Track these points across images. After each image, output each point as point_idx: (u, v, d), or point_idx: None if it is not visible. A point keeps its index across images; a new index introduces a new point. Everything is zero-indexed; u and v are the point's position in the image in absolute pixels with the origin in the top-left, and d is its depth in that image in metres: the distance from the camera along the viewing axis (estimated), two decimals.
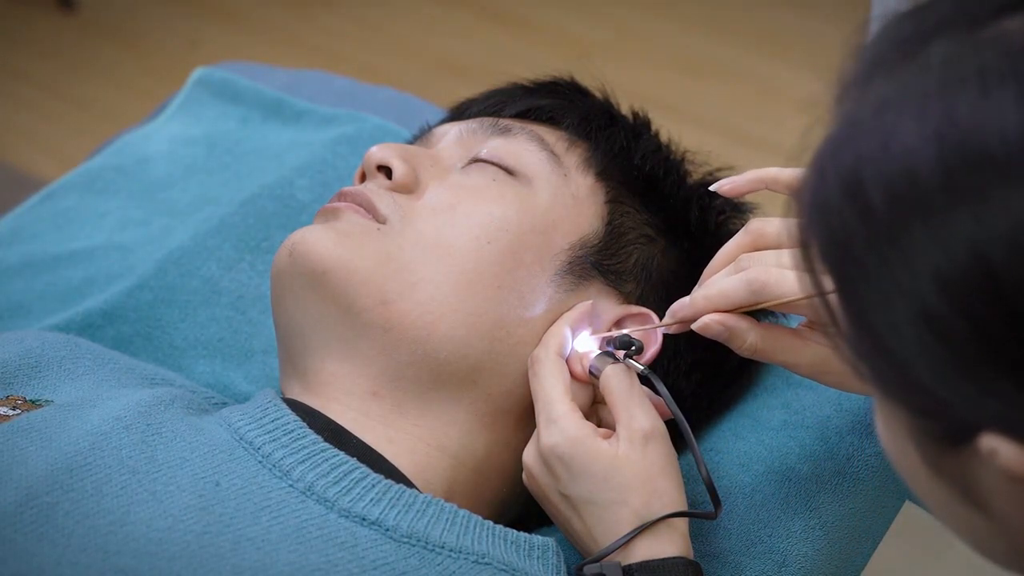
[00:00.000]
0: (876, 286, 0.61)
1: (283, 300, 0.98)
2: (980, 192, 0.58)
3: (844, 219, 0.61)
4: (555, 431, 0.91)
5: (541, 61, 1.23)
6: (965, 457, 0.62)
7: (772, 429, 1.05)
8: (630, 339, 0.96)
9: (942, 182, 0.59)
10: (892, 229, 0.60)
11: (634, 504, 0.89)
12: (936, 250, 0.58)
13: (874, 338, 0.62)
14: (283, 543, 0.84)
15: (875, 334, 0.62)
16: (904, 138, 0.60)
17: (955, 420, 0.61)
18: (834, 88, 0.67)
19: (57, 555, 0.80)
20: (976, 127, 0.59)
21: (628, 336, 0.96)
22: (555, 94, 1.09)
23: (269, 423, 0.92)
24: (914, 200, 0.59)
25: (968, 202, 0.58)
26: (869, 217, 0.60)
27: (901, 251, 0.60)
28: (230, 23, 2.89)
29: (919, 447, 0.65)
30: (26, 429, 0.89)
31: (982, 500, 0.63)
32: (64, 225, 1.30)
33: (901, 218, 0.59)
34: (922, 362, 0.60)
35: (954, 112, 0.59)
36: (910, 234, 0.59)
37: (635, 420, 0.91)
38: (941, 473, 0.65)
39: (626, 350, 0.95)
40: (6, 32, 2.84)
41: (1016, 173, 0.57)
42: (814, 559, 1.00)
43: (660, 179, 1.05)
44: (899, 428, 0.66)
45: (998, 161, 0.58)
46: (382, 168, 1.02)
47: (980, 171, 0.58)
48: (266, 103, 1.41)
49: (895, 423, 0.66)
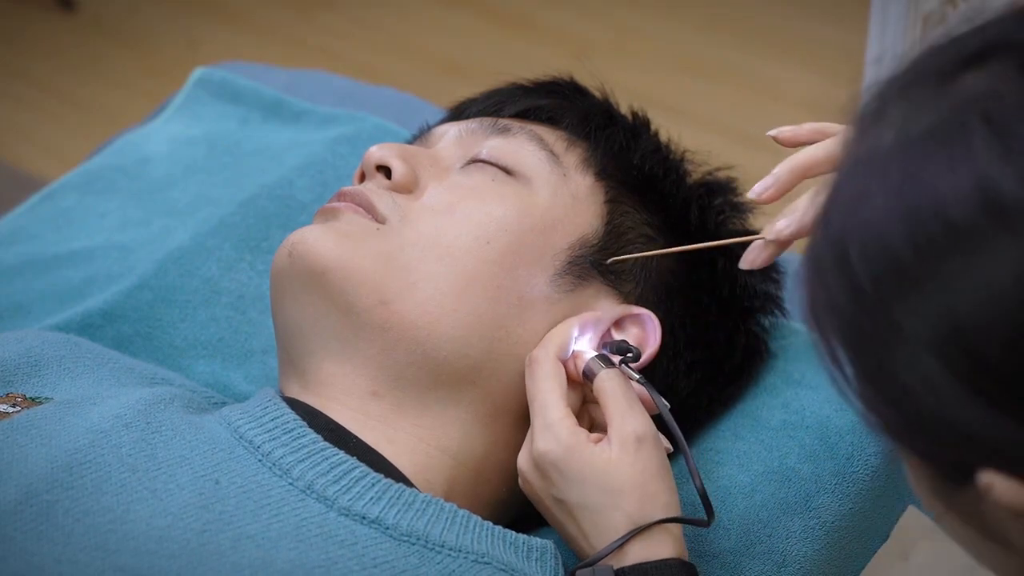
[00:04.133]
0: (873, 349, 0.63)
1: (282, 300, 0.98)
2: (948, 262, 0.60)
3: (838, 290, 0.64)
4: (549, 437, 0.91)
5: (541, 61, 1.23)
6: (972, 496, 0.63)
7: (772, 429, 1.05)
8: (627, 345, 0.96)
9: (914, 256, 0.60)
10: (880, 304, 0.62)
11: (627, 508, 0.89)
12: (920, 321, 0.61)
13: (878, 392, 0.65)
14: (283, 541, 0.84)
15: (879, 389, 0.64)
16: (873, 209, 0.62)
17: (954, 460, 0.63)
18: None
19: (57, 553, 0.80)
20: (933, 193, 0.60)
21: (625, 342, 0.96)
22: (554, 94, 1.09)
23: (269, 422, 0.92)
24: (893, 276, 0.61)
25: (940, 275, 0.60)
26: (858, 293, 0.63)
27: (892, 322, 0.62)
28: (230, 23, 2.89)
29: (935, 492, 0.67)
30: (26, 426, 0.89)
31: (1001, 537, 0.64)
32: (64, 225, 1.30)
33: (886, 295, 0.62)
34: (921, 410, 0.62)
35: (913, 177, 0.61)
36: (896, 308, 0.61)
37: (627, 424, 0.91)
38: (960, 515, 0.66)
39: (622, 355, 0.96)
40: (6, 32, 2.84)
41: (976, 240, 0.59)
42: (814, 559, 1.00)
43: (659, 179, 1.05)
44: (918, 475, 0.68)
45: (959, 228, 0.59)
46: (381, 168, 1.02)
47: (945, 240, 0.60)
48: (266, 103, 1.41)
49: (914, 471, 0.68)
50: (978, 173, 0.59)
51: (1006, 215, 0.58)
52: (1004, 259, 0.58)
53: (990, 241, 0.58)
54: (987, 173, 0.58)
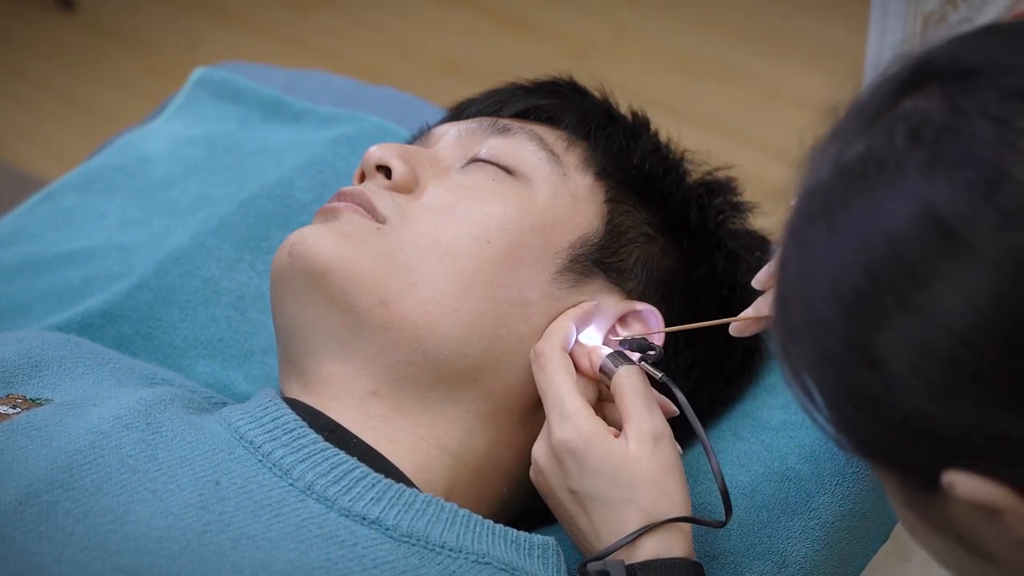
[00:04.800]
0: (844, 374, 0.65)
1: (282, 300, 0.98)
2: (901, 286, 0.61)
3: (802, 324, 0.65)
4: (568, 426, 0.91)
5: (541, 61, 1.23)
6: (942, 502, 0.65)
7: (772, 429, 1.05)
8: (648, 343, 0.96)
9: (870, 285, 0.62)
10: (846, 332, 0.64)
11: (642, 503, 0.89)
12: (888, 340, 0.62)
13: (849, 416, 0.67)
14: (283, 541, 0.84)
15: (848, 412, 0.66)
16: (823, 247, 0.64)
17: (923, 466, 0.65)
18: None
19: (57, 553, 0.80)
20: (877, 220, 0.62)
21: (646, 339, 0.96)
22: (554, 94, 1.09)
23: (269, 422, 0.92)
24: (852, 305, 0.63)
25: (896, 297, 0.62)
26: (823, 323, 0.64)
27: (860, 349, 0.63)
28: (230, 23, 2.89)
29: (908, 504, 0.68)
30: (26, 427, 0.89)
31: (977, 545, 0.65)
32: (64, 225, 1.30)
33: (850, 322, 0.63)
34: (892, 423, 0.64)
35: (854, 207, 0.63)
36: (863, 334, 0.63)
37: (646, 421, 0.91)
38: (933, 525, 0.67)
39: (642, 353, 0.96)
40: (6, 32, 2.84)
41: (926, 261, 0.61)
42: (814, 560, 1.00)
43: (659, 178, 1.05)
44: (891, 489, 0.69)
45: (908, 252, 0.61)
46: (381, 168, 1.02)
47: (897, 265, 0.62)
48: (266, 103, 1.41)
49: (889, 487, 0.69)
50: (917, 197, 0.61)
51: (950, 232, 0.60)
52: (951, 267, 0.60)
53: (934, 253, 0.60)
54: (925, 195, 0.60)
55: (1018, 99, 0.60)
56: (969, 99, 0.61)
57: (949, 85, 0.62)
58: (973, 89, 0.61)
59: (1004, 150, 0.59)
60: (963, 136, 0.60)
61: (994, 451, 0.62)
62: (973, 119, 0.60)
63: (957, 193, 0.59)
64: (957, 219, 0.59)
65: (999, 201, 0.59)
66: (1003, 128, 0.60)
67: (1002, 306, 0.59)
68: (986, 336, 0.60)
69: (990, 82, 0.61)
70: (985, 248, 0.59)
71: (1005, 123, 0.60)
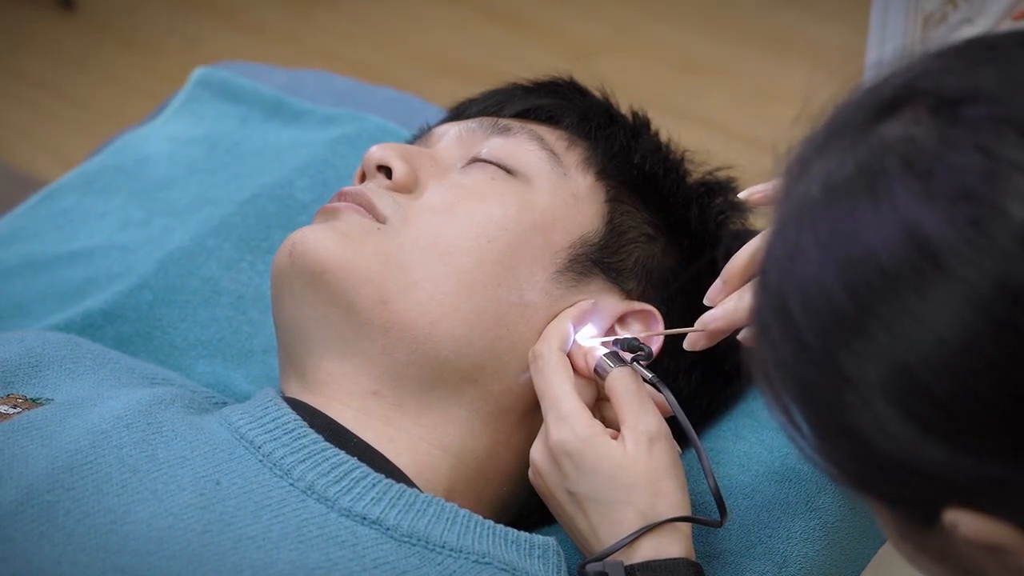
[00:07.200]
0: (825, 400, 0.64)
1: (283, 300, 0.98)
2: (886, 307, 0.61)
3: (784, 346, 0.65)
4: (565, 428, 0.91)
5: (541, 61, 1.23)
6: (942, 536, 0.64)
7: (772, 429, 1.05)
8: (639, 343, 0.96)
9: (853, 305, 0.62)
10: (826, 355, 0.63)
11: (639, 504, 0.89)
12: (866, 368, 0.62)
13: (836, 443, 0.66)
14: (284, 542, 0.84)
15: (835, 439, 0.65)
16: (808, 263, 0.63)
17: (918, 502, 0.64)
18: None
19: (57, 554, 0.80)
20: (864, 241, 0.62)
21: (637, 340, 0.96)
22: (554, 94, 1.09)
23: (269, 422, 0.92)
24: (835, 327, 0.63)
25: (880, 321, 0.61)
26: (804, 347, 0.64)
27: (839, 372, 0.63)
28: (230, 23, 2.89)
29: (903, 536, 0.68)
30: (26, 427, 0.89)
31: (979, 572, 0.65)
32: (64, 225, 1.30)
33: (830, 345, 0.63)
34: (878, 456, 0.63)
35: (842, 227, 0.63)
36: (842, 358, 0.62)
37: (641, 422, 0.91)
38: (930, 555, 0.67)
39: (633, 353, 0.96)
40: (6, 32, 2.84)
41: (910, 284, 0.60)
42: (815, 560, 1.00)
43: (660, 178, 1.05)
44: (885, 520, 0.69)
45: (892, 274, 0.61)
46: (382, 168, 1.02)
47: (880, 285, 0.61)
48: (266, 103, 1.41)
49: (881, 516, 0.69)
50: (904, 218, 0.61)
51: (935, 256, 0.60)
52: (939, 298, 0.60)
53: (924, 283, 0.60)
54: (912, 217, 0.60)
55: (1008, 129, 0.60)
56: (957, 129, 0.61)
57: (939, 112, 0.62)
58: (961, 119, 0.61)
59: (993, 181, 0.59)
60: (954, 168, 0.60)
61: (993, 494, 0.61)
62: (963, 150, 0.60)
63: (947, 223, 0.60)
64: (944, 248, 0.59)
65: (989, 232, 0.59)
66: (992, 160, 0.60)
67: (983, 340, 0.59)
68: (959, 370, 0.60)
69: (978, 109, 0.61)
70: (968, 276, 0.59)
71: (993, 154, 0.60)
